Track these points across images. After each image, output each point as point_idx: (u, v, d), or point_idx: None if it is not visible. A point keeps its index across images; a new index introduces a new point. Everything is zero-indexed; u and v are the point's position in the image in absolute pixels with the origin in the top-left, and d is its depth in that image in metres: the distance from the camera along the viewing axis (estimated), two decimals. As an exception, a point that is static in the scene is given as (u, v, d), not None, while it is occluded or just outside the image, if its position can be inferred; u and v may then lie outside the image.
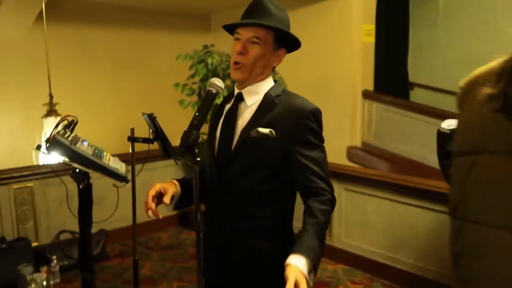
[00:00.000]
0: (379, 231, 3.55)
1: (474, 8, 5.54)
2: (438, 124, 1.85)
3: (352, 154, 5.15)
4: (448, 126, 1.80)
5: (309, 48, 5.15)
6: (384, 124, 5.03)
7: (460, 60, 5.64)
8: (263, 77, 1.48)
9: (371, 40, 5.08)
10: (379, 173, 3.95)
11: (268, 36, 1.43)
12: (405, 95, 5.97)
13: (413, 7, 6.04)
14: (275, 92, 1.48)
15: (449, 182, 2.67)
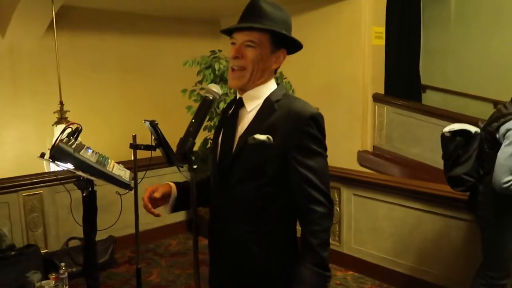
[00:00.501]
0: (390, 237, 3.48)
1: (488, 10, 5.44)
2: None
3: (363, 158, 5.09)
4: (450, 129, 1.79)
5: (318, 51, 5.16)
6: (395, 128, 4.96)
7: (475, 62, 5.55)
8: (262, 80, 1.43)
9: (381, 42, 5.03)
10: (389, 178, 3.88)
11: (264, 38, 1.38)
12: (417, 98, 5.89)
13: (424, 9, 5.97)
14: (275, 96, 1.43)
15: (450, 185, 2.63)
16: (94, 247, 2.39)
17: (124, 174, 2.35)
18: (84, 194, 2.24)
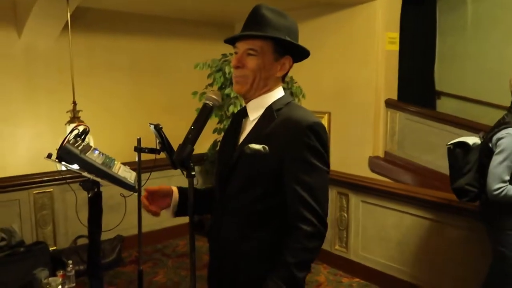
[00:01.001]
0: (397, 246, 3.43)
1: (506, 16, 5.33)
2: (464, 135, 1.80)
3: (374, 164, 5.03)
4: (451, 142, 1.83)
5: (331, 56, 5.13)
6: (408, 134, 4.89)
7: (491, 68, 5.43)
8: (267, 88, 1.40)
9: (395, 48, 4.97)
10: (397, 185, 3.82)
11: (266, 46, 1.35)
12: (431, 104, 5.79)
13: (440, 14, 5.87)
14: (278, 105, 1.39)
15: (456, 195, 2.65)
16: (99, 248, 2.41)
17: (130, 176, 2.37)
18: (90, 195, 2.27)
